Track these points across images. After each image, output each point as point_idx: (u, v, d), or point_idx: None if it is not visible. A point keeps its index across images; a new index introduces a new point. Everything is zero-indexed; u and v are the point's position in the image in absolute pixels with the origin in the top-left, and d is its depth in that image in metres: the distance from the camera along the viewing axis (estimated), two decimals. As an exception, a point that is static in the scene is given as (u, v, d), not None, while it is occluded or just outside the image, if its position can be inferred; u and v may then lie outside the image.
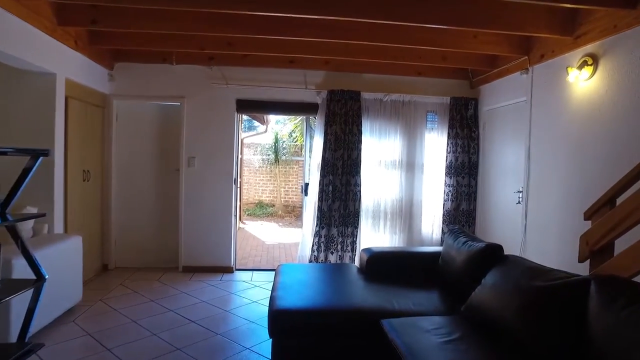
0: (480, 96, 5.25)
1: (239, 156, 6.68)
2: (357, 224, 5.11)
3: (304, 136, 5.57)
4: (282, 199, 11.22)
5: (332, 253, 5.09)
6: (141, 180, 5.25)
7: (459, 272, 2.99)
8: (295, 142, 11.38)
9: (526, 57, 4.21)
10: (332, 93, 5.03)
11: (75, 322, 3.44)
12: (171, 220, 5.19)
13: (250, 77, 5.10)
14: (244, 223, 9.66)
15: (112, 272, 4.98)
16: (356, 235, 5.12)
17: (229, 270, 5.16)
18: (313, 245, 5.08)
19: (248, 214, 10.82)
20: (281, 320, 2.65)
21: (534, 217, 4.13)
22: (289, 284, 3.12)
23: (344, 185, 5.07)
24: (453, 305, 2.83)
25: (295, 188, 11.33)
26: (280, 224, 10.09)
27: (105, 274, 4.91)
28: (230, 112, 5.13)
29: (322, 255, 5.07)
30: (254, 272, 5.31)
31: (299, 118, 10.73)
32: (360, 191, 5.09)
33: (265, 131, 10.26)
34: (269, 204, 11.26)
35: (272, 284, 4.65)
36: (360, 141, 5.06)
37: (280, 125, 11.97)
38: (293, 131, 11.64)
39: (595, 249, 2.28)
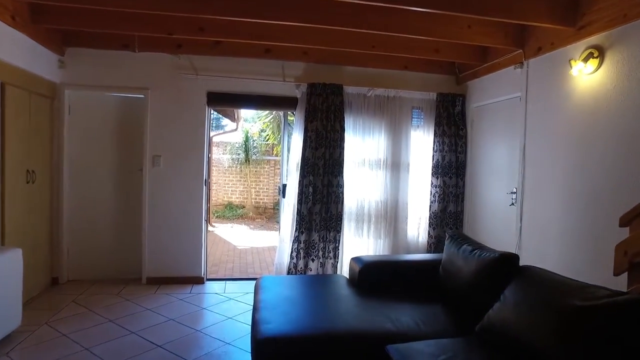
0: (467, 92, 4.94)
1: (209, 155, 6.11)
2: (340, 229, 4.67)
3: (282, 133, 5.08)
4: (253, 200, 10.65)
5: (312, 260, 4.63)
6: (98, 181, 4.59)
7: (468, 285, 2.61)
8: (267, 140, 10.84)
9: (521, 50, 3.91)
10: (313, 86, 4.57)
11: (9, 355, 2.79)
12: (133, 226, 4.56)
13: (223, 68, 4.56)
14: (213, 226, 9.03)
15: (64, 286, 4.29)
16: (339, 241, 4.68)
17: (199, 280, 4.59)
18: (292, 251, 4.60)
19: (217, 216, 10.18)
20: (268, 350, 2.16)
21: (531, 219, 3.83)
22: (273, 303, 2.63)
23: (326, 186, 4.62)
24: (463, 324, 2.44)
25: (267, 188, 10.79)
26: (252, 226, 9.53)
27: (55, 289, 4.22)
28: (201, 105, 4.56)
29: (301, 263, 4.60)
30: (227, 282, 4.77)
31: (270, 116, 10.20)
32: (342, 193, 4.65)
33: (236, 129, 9.65)
34: (239, 205, 10.66)
35: (248, 295, 4.17)
36: (342, 139, 4.63)
37: (251, 124, 11.41)
38: (263, 130, 11.10)
39: (636, 260, 1.94)
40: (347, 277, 3.34)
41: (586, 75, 3.21)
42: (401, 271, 3.18)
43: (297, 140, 4.68)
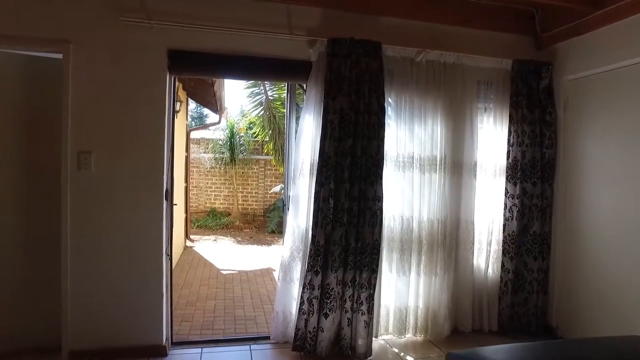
0: (557, 60, 3.23)
1: (175, 152, 4.30)
2: (377, 265, 2.89)
3: (287, 116, 3.29)
4: (240, 207, 8.80)
5: (332, 315, 2.79)
6: (-9, 194, 2.70)
7: None
8: (255, 137, 8.99)
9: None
10: (336, 43, 2.78)
11: None
12: (48, 268, 2.68)
13: (194, 13, 2.73)
14: (192, 240, 7.14)
15: None
16: (374, 285, 2.89)
17: (158, 352, 2.73)
18: (302, 302, 2.80)
19: (198, 225, 8.29)
20: None
21: None
22: None
23: (356, 199, 2.83)
24: None
25: (256, 193, 8.97)
26: (239, 238, 7.69)
27: None
28: (158, 71, 2.71)
29: (316, 320, 2.79)
30: (204, 348, 2.91)
31: (260, 108, 8.35)
32: (381, 209, 2.87)
33: (219, 122, 7.78)
34: (224, 212, 8.81)
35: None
36: (382, 125, 2.85)
37: (237, 118, 9.56)
38: (249, 127, 9.27)
39: None
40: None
41: None
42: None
43: (309, 127, 2.91)
